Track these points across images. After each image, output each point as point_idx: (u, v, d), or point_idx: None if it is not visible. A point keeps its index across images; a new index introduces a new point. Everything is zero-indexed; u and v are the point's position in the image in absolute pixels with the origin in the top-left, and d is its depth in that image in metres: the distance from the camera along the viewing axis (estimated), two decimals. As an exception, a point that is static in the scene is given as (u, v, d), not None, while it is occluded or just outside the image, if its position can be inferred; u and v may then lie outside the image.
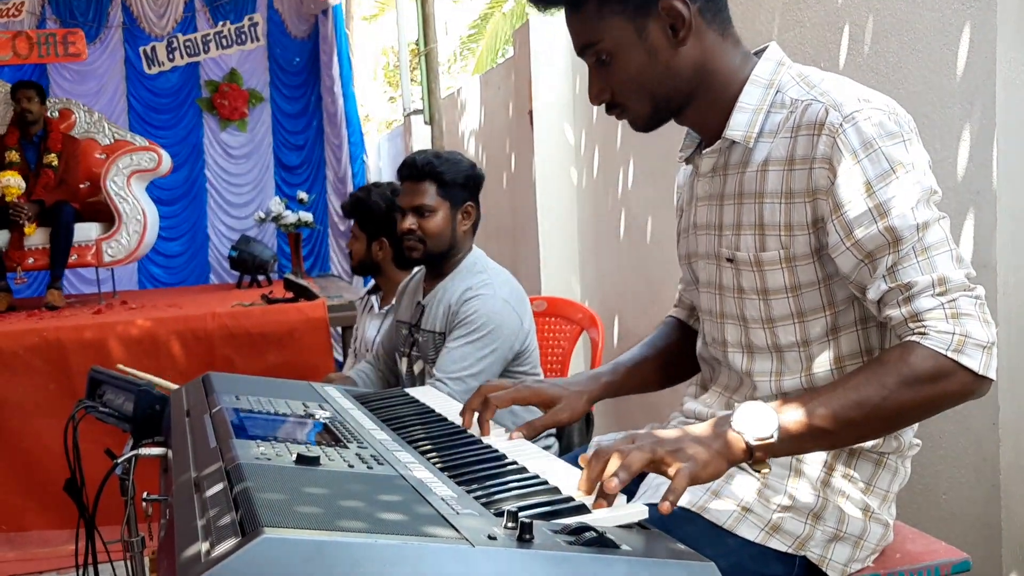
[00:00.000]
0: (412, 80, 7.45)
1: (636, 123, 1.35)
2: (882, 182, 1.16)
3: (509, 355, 2.17)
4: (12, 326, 4.16)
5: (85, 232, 5.13)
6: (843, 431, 1.15)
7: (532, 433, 1.40)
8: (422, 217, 2.25)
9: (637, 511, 1.01)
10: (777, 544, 1.24)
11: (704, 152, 1.36)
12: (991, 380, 1.14)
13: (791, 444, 1.13)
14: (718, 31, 1.29)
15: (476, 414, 1.42)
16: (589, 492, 1.05)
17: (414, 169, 2.27)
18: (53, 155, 5.11)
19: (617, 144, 3.60)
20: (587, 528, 0.92)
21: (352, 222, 2.93)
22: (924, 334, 1.13)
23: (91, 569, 1.69)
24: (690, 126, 1.40)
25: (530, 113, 4.12)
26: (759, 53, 1.33)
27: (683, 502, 1.24)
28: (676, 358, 1.60)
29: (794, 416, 1.12)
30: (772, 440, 1.11)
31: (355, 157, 6.59)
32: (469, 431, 1.39)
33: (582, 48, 1.31)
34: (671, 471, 1.06)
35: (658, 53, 1.27)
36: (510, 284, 2.26)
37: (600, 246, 3.86)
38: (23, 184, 4.91)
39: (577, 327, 2.79)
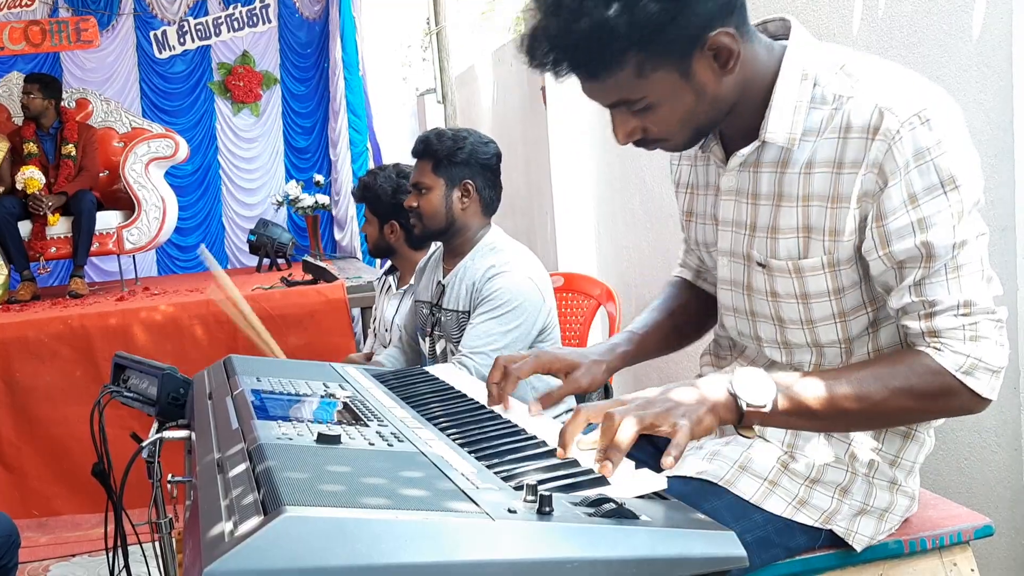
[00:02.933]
0: (424, 59, 7.41)
1: (674, 149, 1.28)
2: (928, 195, 1.11)
3: (533, 331, 2.18)
4: (38, 315, 4.21)
5: (106, 220, 5.17)
6: (835, 419, 1.15)
7: (551, 402, 1.39)
8: (420, 195, 2.28)
9: (656, 482, 1.01)
10: (804, 518, 1.25)
11: (735, 153, 1.26)
12: (990, 401, 1.14)
13: (782, 419, 1.13)
14: (748, 38, 1.19)
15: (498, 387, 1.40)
16: (565, 450, 1.08)
17: (416, 147, 2.31)
18: (71, 146, 5.13)
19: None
20: (607, 500, 0.93)
21: (364, 207, 2.94)
22: (939, 350, 1.13)
23: (120, 551, 1.71)
24: (723, 128, 1.30)
25: (543, 89, 4.10)
26: (765, 25, 1.26)
27: (711, 476, 1.25)
28: (689, 318, 1.59)
29: (792, 393, 1.12)
30: (764, 410, 1.11)
31: (354, 143, 6.58)
32: (491, 407, 1.40)
33: (616, 104, 1.20)
34: (665, 429, 1.06)
35: (705, 88, 1.16)
36: (532, 261, 2.26)
37: (616, 221, 3.85)
38: (43, 178, 4.94)
39: (595, 302, 2.80)
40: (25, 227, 4.94)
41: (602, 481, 1.02)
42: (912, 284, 1.15)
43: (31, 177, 4.89)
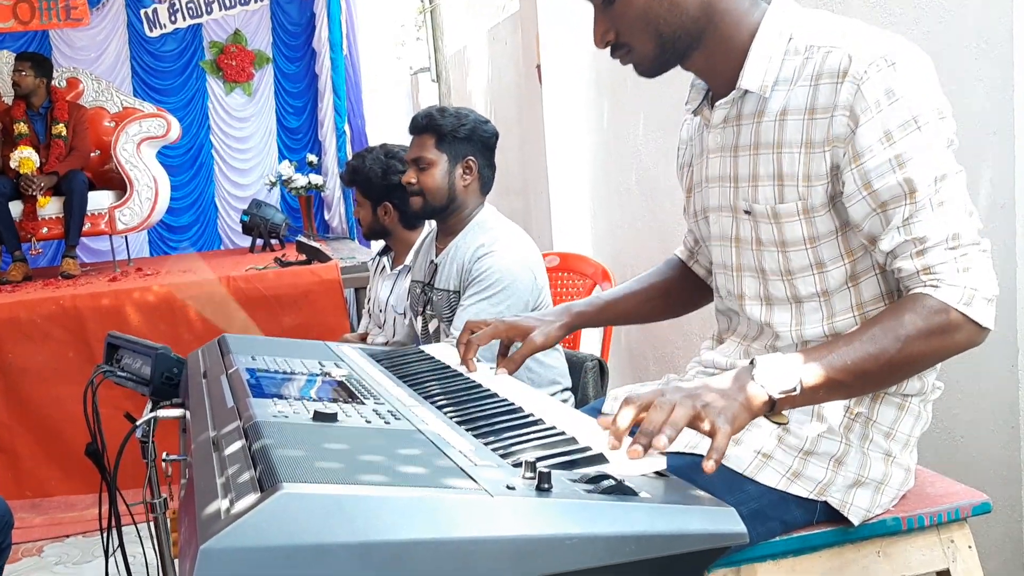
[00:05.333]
0: (418, 39, 7.36)
1: (642, 65, 1.32)
2: (903, 132, 1.15)
3: (523, 311, 2.17)
4: (29, 295, 4.19)
5: (98, 200, 5.13)
6: (858, 383, 1.15)
7: (514, 366, 1.53)
8: (421, 170, 2.25)
9: (656, 460, 1.01)
10: (798, 490, 1.24)
11: (717, 104, 1.33)
12: (990, 330, 1.16)
13: (810, 396, 1.14)
14: None
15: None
16: (619, 440, 1.05)
17: (416, 122, 2.28)
18: (61, 125, 5.08)
19: (627, 96, 3.56)
20: (605, 477, 0.92)
21: (355, 190, 2.90)
22: (936, 287, 1.14)
23: (115, 531, 1.71)
24: (698, 73, 1.36)
25: (538, 67, 4.07)
26: None
27: (703, 450, 1.24)
28: (665, 293, 1.65)
29: (814, 369, 1.13)
30: (794, 393, 1.11)
31: (337, 124, 6.54)
32: (480, 382, 1.40)
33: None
34: (705, 427, 1.06)
35: None
36: (522, 240, 2.24)
37: (611, 200, 3.83)
38: (38, 158, 4.90)
39: (590, 281, 2.79)
40: (16, 207, 4.91)
41: (601, 459, 1.01)
42: (900, 224, 1.17)
43: (26, 157, 4.85)
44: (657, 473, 1.01)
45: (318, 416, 1.03)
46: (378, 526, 0.77)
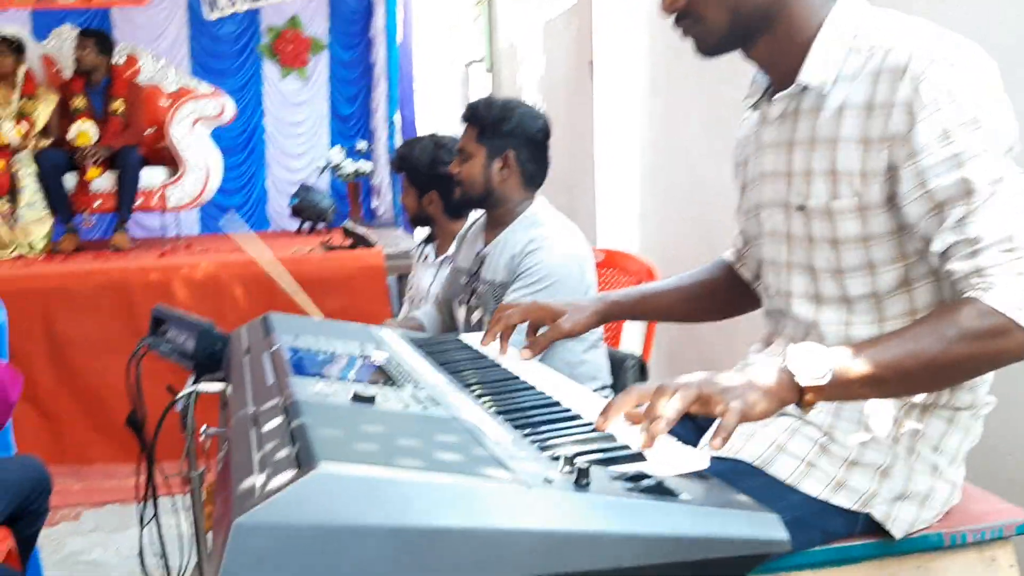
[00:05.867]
0: (474, 31, 7.35)
1: (706, 40, 1.28)
2: (962, 131, 1.11)
3: None
4: (80, 266, 4.27)
5: (151, 177, 5.21)
6: (896, 380, 1.11)
7: (538, 349, 1.53)
8: (462, 161, 2.26)
9: (698, 460, 0.98)
10: (841, 500, 1.21)
11: (775, 97, 1.31)
12: None
13: (843, 389, 1.09)
14: None
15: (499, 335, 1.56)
16: (635, 422, 1.04)
17: (465, 112, 2.28)
18: (118, 102, 5.16)
19: (681, 94, 3.52)
20: (645, 475, 0.90)
21: (403, 177, 2.92)
22: (987, 289, 1.10)
23: (151, 501, 1.73)
24: (759, 62, 1.34)
25: (590, 63, 4.04)
26: None
27: (746, 456, 1.22)
28: (708, 294, 1.62)
29: (849, 360, 1.09)
30: (823, 381, 1.07)
31: (389, 114, 6.57)
32: (519, 373, 1.39)
33: None
34: (718, 410, 1.03)
35: None
36: (575, 237, 2.22)
37: (659, 198, 3.79)
38: (96, 131, 4.98)
39: (634, 279, 2.75)
40: (70, 180, 5.00)
41: (641, 457, 0.99)
42: (953, 224, 1.13)
43: (83, 131, 4.94)
44: (699, 474, 0.98)
45: (357, 398, 1.02)
46: (412, 511, 0.76)
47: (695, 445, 1.27)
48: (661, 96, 3.74)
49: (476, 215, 2.50)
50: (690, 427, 1.34)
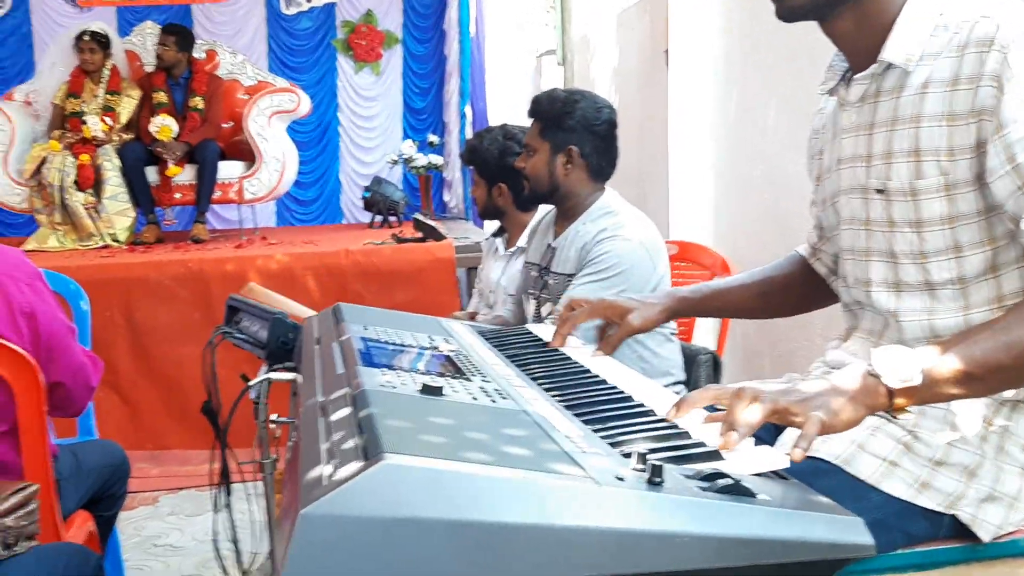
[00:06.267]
0: (547, 24, 7.32)
1: (794, 3, 1.23)
2: None
3: None
4: (160, 257, 4.38)
5: (228, 170, 5.32)
6: (990, 376, 1.05)
7: (610, 349, 1.48)
8: (528, 156, 2.25)
9: (776, 460, 0.94)
10: (926, 501, 1.16)
11: (855, 78, 1.26)
12: None
13: (934, 389, 1.04)
14: None
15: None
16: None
17: (530, 106, 2.27)
18: (199, 98, 5.27)
19: (757, 85, 3.43)
20: (721, 475, 0.87)
21: (472, 169, 2.90)
22: None
23: (224, 488, 1.75)
24: (840, 39, 1.28)
25: (665, 53, 3.98)
26: None
27: (825, 455, 1.17)
28: (781, 289, 1.57)
29: (938, 359, 1.04)
30: (914, 383, 1.02)
31: (461, 107, 6.58)
32: (589, 367, 1.36)
33: None
34: (798, 420, 0.99)
35: None
36: (646, 228, 2.18)
37: (734, 191, 3.71)
38: (176, 126, 5.11)
39: (708, 273, 2.70)
40: (152, 173, 5.13)
41: (717, 455, 0.96)
42: None
43: (165, 125, 5.07)
44: (777, 474, 0.95)
45: (425, 389, 1.01)
46: (479, 505, 0.74)
47: (772, 443, 1.23)
48: (736, 86, 3.66)
49: (547, 208, 2.48)
50: (769, 428, 1.30)
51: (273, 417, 1.29)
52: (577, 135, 2.18)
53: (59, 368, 1.80)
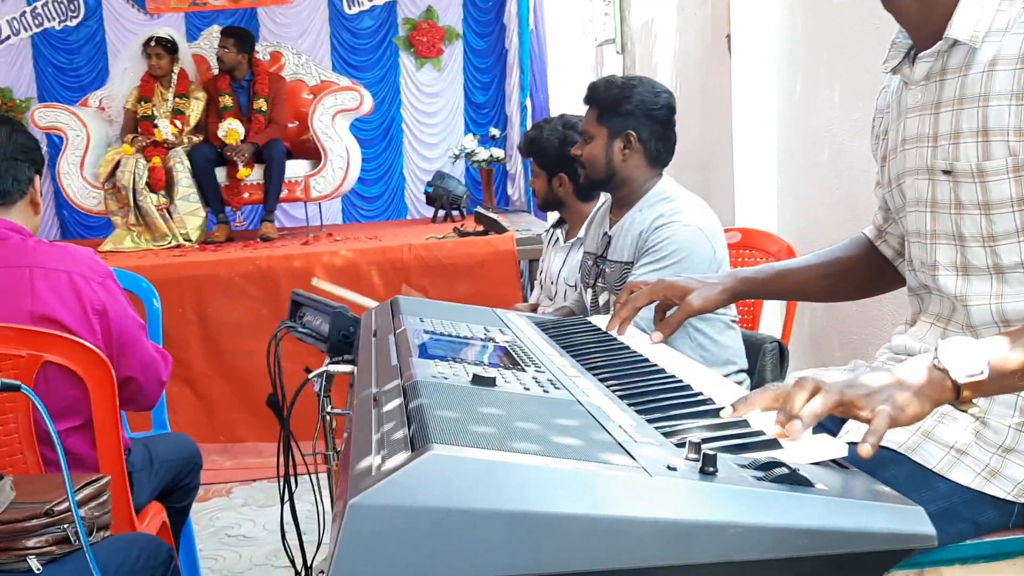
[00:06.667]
0: (607, 13, 7.27)
1: None
2: None
3: None
4: (230, 255, 4.49)
5: (295, 169, 5.41)
6: None
7: (669, 330, 1.46)
8: (585, 142, 2.23)
9: (835, 448, 0.92)
10: (995, 490, 1.12)
11: (920, 56, 1.22)
12: None
13: (1002, 382, 1.01)
14: None
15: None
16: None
17: (586, 93, 2.25)
18: (262, 100, 5.37)
19: (823, 68, 3.35)
20: (778, 464, 0.85)
21: (532, 161, 2.90)
22: None
23: (291, 479, 1.78)
24: (906, 15, 1.24)
25: (728, 37, 3.91)
26: None
27: (889, 443, 1.14)
28: (847, 271, 1.53)
29: (1005, 349, 1.00)
30: (981, 377, 0.99)
31: (522, 100, 6.57)
32: (647, 356, 1.34)
33: None
34: (864, 414, 0.96)
35: None
36: (704, 212, 2.15)
37: (800, 176, 3.63)
38: (243, 129, 5.22)
39: (772, 259, 2.65)
40: (220, 174, 5.26)
41: (774, 444, 0.94)
42: None
43: (232, 129, 5.19)
44: (836, 463, 0.92)
45: (477, 380, 1.01)
46: (528, 496, 0.74)
47: (836, 433, 1.20)
48: (801, 69, 3.57)
49: (605, 197, 2.46)
50: (831, 416, 1.27)
51: (328, 408, 1.31)
52: (635, 120, 2.16)
53: (130, 363, 1.86)
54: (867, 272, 1.53)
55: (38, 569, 1.43)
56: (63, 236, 6.54)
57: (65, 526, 1.45)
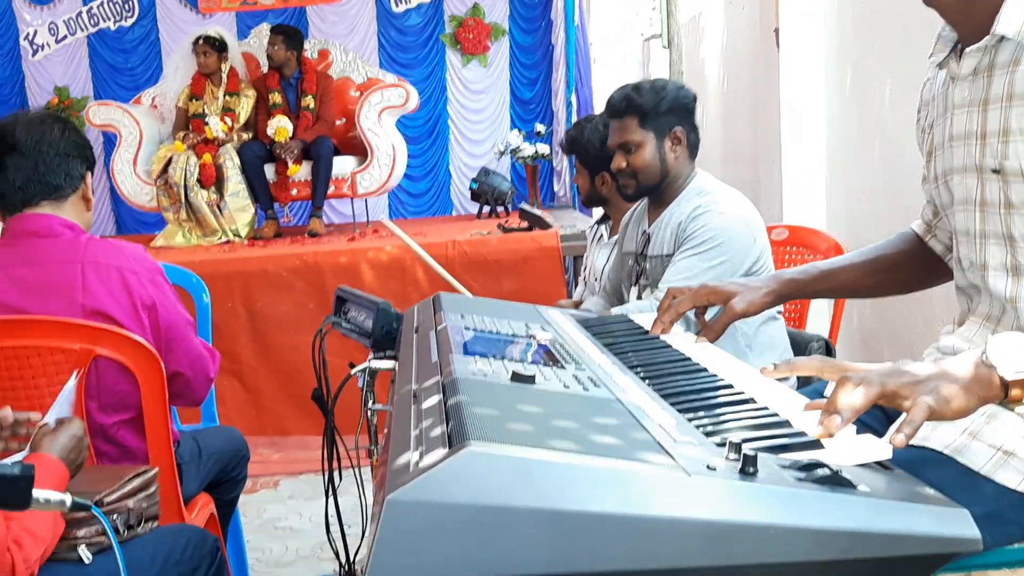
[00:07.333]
0: (653, 7, 7.22)
1: None
2: None
3: (739, 271, 2.05)
4: (278, 250, 4.56)
5: (342, 165, 5.46)
6: None
7: (714, 335, 1.44)
8: (629, 153, 2.19)
9: (880, 449, 0.90)
10: None
11: (967, 50, 1.19)
12: None
13: None
14: None
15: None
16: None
17: (614, 107, 2.20)
18: (309, 98, 5.42)
19: (873, 62, 3.29)
20: (819, 464, 0.84)
21: (574, 158, 2.89)
22: None
23: (335, 473, 1.80)
24: (947, 10, 1.22)
25: (776, 31, 3.86)
26: None
27: (935, 444, 1.12)
28: (894, 267, 1.51)
29: None
30: None
31: (567, 96, 6.55)
32: (689, 354, 1.33)
33: None
34: (907, 404, 0.94)
35: None
36: (741, 201, 2.15)
37: (850, 172, 3.57)
38: (292, 127, 5.28)
39: (821, 258, 2.60)
40: (269, 170, 5.33)
41: (816, 445, 0.92)
42: None
43: (281, 127, 5.25)
44: (880, 464, 0.91)
45: (516, 377, 1.01)
46: (565, 495, 0.74)
47: (880, 433, 1.18)
48: (851, 63, 3.51)
49: None
50: (878, 417, 1.25)
51: (370, 404, 1.32)
52: (676, 116, 2.17)
53: (178, 358, 1.89)
54: (916, 268, 1.51)
55: (88, 558, 1.46)
56: (118, 232, 6.68)
57: (114, 516, 1.48)
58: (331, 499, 1.74)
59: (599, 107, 6.59)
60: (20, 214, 1.83)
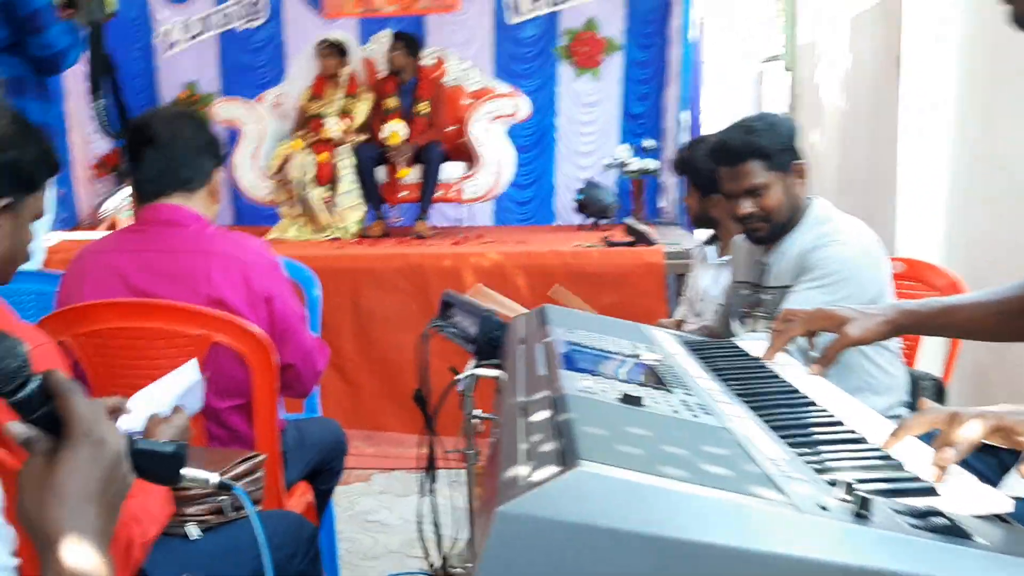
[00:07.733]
0: (774, 28, 7.09)
1: None
2: None
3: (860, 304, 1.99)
4: (385, 250, 4.67)
5: (450, 171, 5.56)
6: None
7: (827, 362, 1.41)
8: (758, 197, 2.09)
9: (999, 501, 0.87)
10: None
11: None
12: None
13: None
14: None
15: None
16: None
17: (733, 152, 2.10)
18: (424, 103, 5.55)
19: (1003, 95, 3.15)
20: (935, 512, 0.81)
21: (686, 178, 2.86)
22: None
23: (431, 473, 1.84)
24: None
25: (897, 58, 3.74)
26: None
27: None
28: (1021, 311, 1.41)
29: None
30: None
31: (678, 113, 6.49)
32: (799, 387, 1.31)
33: None
34: (1022, 439, 0.90)
35: None
36: (864, 231, 2.08)
37: (972, 207, 3.43)
38: (406, 131, 5.41)
39: (938, 295, 2.51)
40: (381, 172, 5.46)
41: (932, 491, 0.90)
42: None
43: (395, 131, 5.38)
44: (998, 518, 0.87)
45: (625, 398, 1.01)
46: (676, 522, 0.74)
47: (995, 483, 1.13)
48: (979, 95, 3.37)
49: None
50: (994, 464, 1.20)
51: (477, 412, 1.35)
52: (792, 150, 2.11)
53: (290, 351, 1.96)
54: None
55: (197, 535, 1.53)
56: (238, 222, 6.94)
57: (222, 497, 1.55)
58: (427, 498, 1.78)
59: (710, 126, 6.52)
60: (153, 204, 1.94)
